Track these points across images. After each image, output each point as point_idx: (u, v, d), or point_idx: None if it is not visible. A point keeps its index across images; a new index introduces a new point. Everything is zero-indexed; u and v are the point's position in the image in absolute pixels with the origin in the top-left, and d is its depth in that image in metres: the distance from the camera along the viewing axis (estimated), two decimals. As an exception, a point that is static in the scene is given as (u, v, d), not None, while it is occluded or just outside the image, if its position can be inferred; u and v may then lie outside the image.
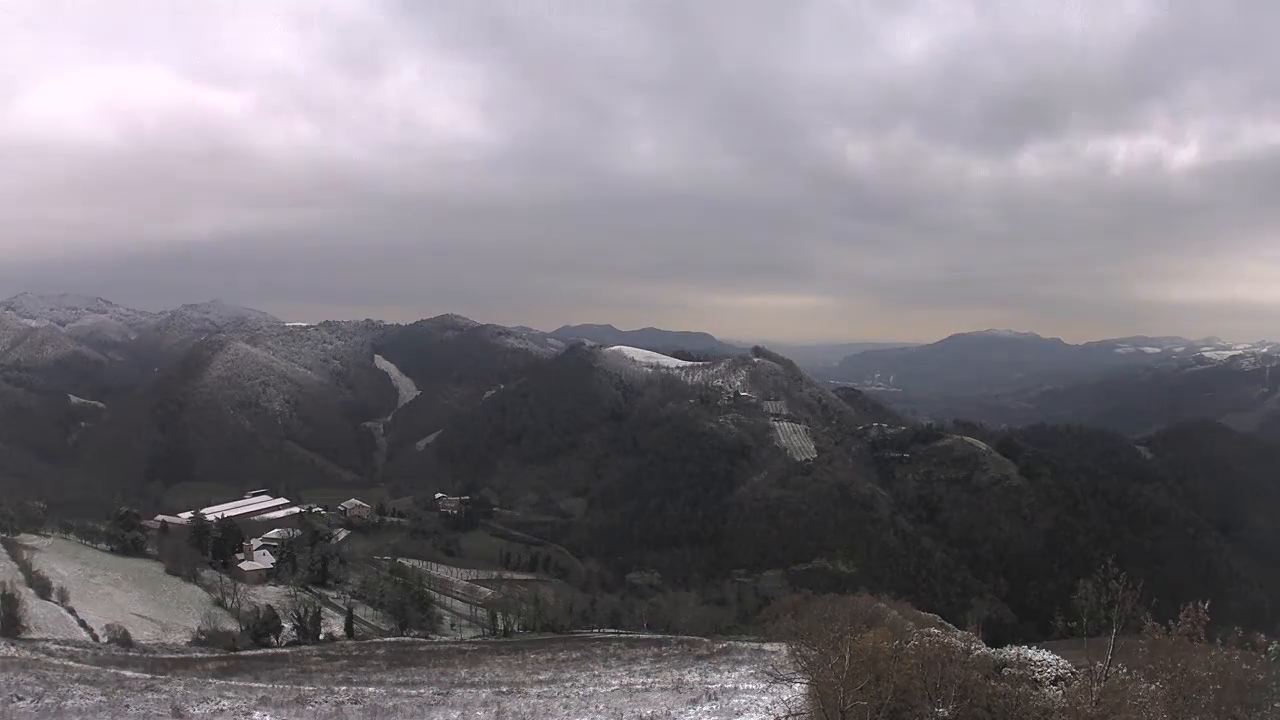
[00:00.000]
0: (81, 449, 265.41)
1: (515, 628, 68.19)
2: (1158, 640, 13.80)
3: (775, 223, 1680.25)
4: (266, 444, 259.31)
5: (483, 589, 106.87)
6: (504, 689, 36.31)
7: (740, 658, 46.44)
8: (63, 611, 57.38)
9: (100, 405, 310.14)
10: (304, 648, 54.50)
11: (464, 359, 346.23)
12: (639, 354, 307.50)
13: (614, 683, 38.23)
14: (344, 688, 36.17)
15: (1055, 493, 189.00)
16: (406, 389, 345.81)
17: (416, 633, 67.05)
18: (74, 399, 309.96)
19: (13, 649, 41.20)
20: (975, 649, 20.16)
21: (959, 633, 28.59)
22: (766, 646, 48.06)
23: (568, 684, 37.99)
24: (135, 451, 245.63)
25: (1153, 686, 14.19)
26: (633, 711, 30.17)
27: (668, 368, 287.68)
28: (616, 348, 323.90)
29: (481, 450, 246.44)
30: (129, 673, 37.51)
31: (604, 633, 67.73)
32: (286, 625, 59.23)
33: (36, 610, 53.25)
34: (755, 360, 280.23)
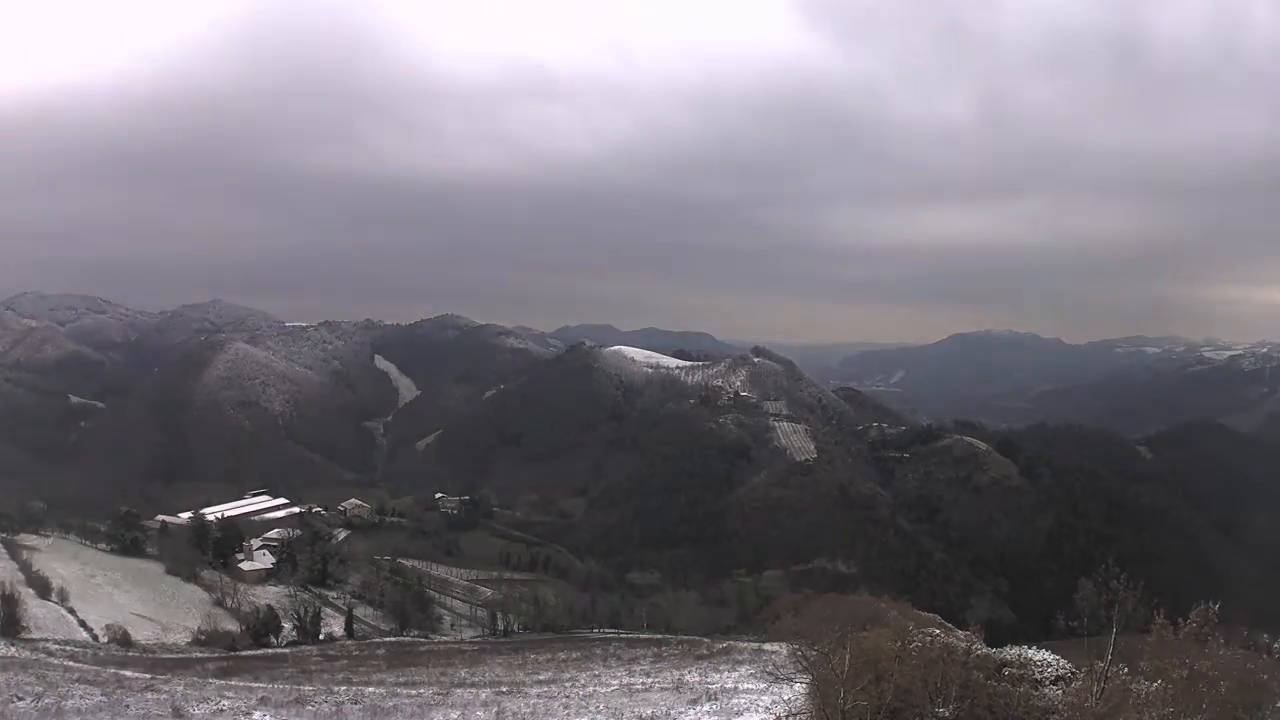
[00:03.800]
0: (81, 449, 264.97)
1: (515, 628, 68.26)
2: (1165, 639, 13.80)
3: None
4: (266, 444, 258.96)
5: (483, 589, 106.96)
6: (504, 689, 36.32)
7: (740, 658, 46.44)
8: (63, 611, 57.40)
9: (100, 405, 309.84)
10: (304, 648, 54.52)
11: (464, 359, 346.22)
12: (639, 354, 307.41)
13: (614, 683, 38.24)
14: (344, 688, 36.18)
15: (1055, 493, 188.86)
16: (406, 389, 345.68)
17: (416, 633, 67.07)
18: (74, 399, 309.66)
19: (13, 649, 41.24)
20: (976, 649, 20.15)
21: (959, 633, 28.58)
22: (766, 646, 48.06)
23: (568, 684, 38.00)
24: (135, 451, 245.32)
25: (1153, 686, 14.18)
26: (633, 711, 30.17)
27: (668, 368, 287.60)
28: (616, 348, 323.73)
29: (481, 450, 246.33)
30: (129, 673, 37.52)
31: (604, 633, 67.77)
32: (286, 625, 59.25)
33: (36, 610, 53.28)
34: (755, 360, 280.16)
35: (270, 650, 52.91)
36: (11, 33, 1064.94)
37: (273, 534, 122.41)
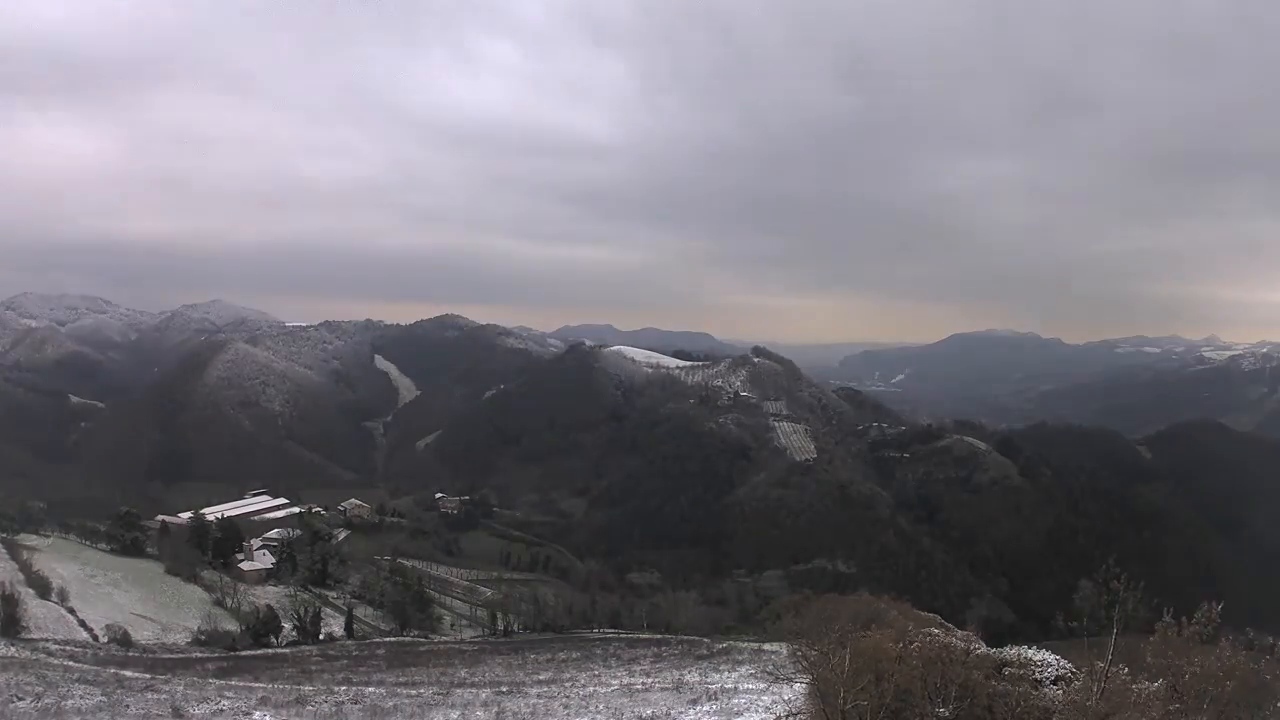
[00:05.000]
0: (81, 449, 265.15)
1: (515, 628, 68.15)
2: (1169, 638, 13.77)
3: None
4: (266, 444, 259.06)
5: (483, 589, 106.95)
6: (504, 689, 36.32)
7: (740, 658, 46.45)
8: (63, 611, 57.28)
9: (100, 405, 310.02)
10: (304, 648, 54.46)
11: (464, 359, 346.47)
12: (639, 354, 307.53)
13: (614, 683, 38.23)
14: (344, 688, 36.18)
15: (1055, 493, 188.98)
16: (406, 389, 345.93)
17: (416, 633, 66.98)
18: (74, 399, 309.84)
19: (13, 649, 41.19)
20: (976, 649, 20.13)
21: (959, 633, 28.56)
22: (766, 646, 48.07)
23: (568, 684, 37.99)
24: (135, 451, 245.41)
25: (1154, 686, 14.16)
26: (633, 711, 30.18)
27: (668, 368, 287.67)
28: (616, 348, 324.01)
29: (481, 450, 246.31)
30: (129, 673, 37.51)
31: (604, 633, 67.67)
32: (286, 625, 59.14)
33: (36, 610, 53.17)
34: (755, 360, 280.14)
35: (270, 650, 52.86)
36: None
37: (273, 534, 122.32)
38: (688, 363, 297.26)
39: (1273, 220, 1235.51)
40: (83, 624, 55.17)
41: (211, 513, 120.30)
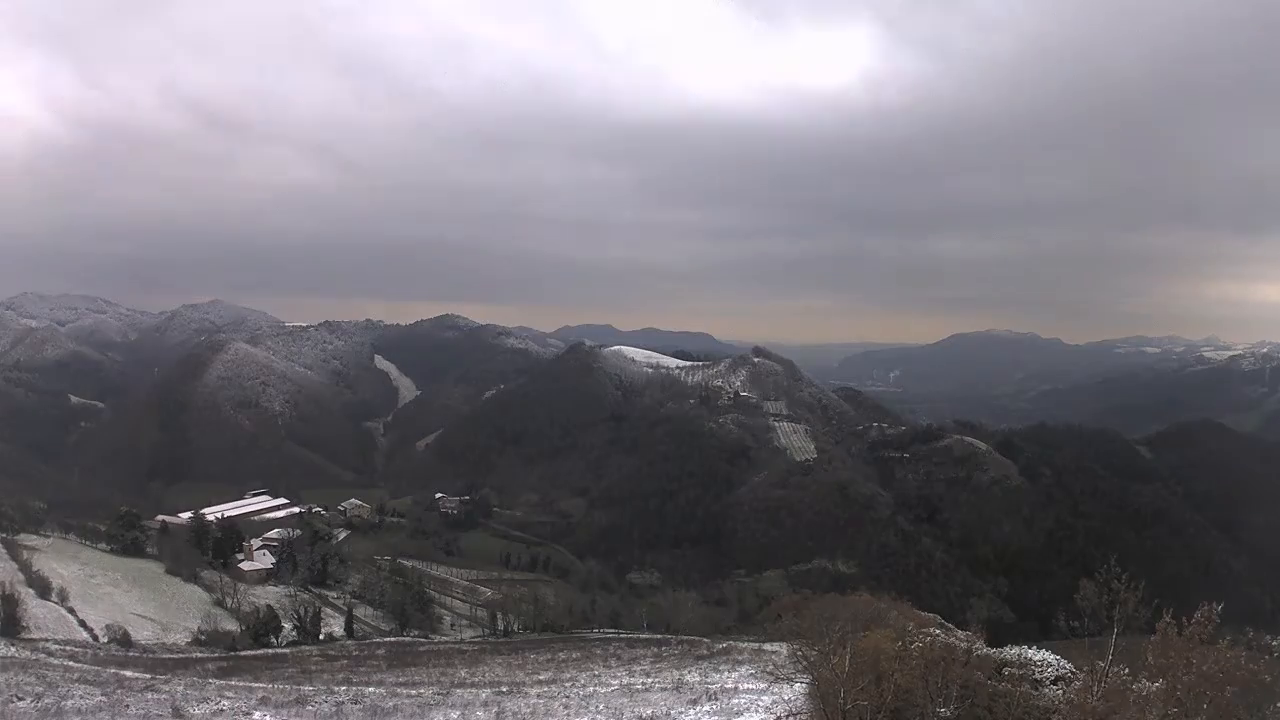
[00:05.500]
0: (81, 449, 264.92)
1: (515, 628, 68.14)
2: (1169, 638, 13.76)
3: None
4: (266, 444, 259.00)
5: (483, 589, 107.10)
6: (504, 689, 36.29)
7: (740, 658, 46.42)
8: (63, 611, 57.29)
9: (100, 405, 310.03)
10: (304, 648, 54.45)
11: (464, 359, 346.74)
12: (639, 354, 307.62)
13: (614, 683, 38.20)
14: (344, 688, 36.14)
15: (1055, 493, 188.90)
16: (406, 389, 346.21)
17: (416, 633, 67.00)
18: (74, 399, 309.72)
19: (13, 649, 41.17)
20: (976, 649, 20.14)
21: (960, 633, 28.58)
22: (766, 646, 48.05)
23: (568, 684, 37.97)
24: (135, 451, 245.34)
25: (1154, 686, 14.15)
26: (633, 711, 30.16)
27: (668, 368, 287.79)
28: (616, 348, 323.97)
29: (481, 450, 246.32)
30: (129, 673, 37.48)
31: (604, 633, 67.67)
32: (286, 625, 59.16)
33: (36, 610, 53.16)
34: (755, 360, 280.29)
35: (270, 650, 52.82)
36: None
37: (273, 534, 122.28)
38: (688, 363, 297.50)
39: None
40: (83, 624, 55.17)
41: (211, 513, 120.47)
